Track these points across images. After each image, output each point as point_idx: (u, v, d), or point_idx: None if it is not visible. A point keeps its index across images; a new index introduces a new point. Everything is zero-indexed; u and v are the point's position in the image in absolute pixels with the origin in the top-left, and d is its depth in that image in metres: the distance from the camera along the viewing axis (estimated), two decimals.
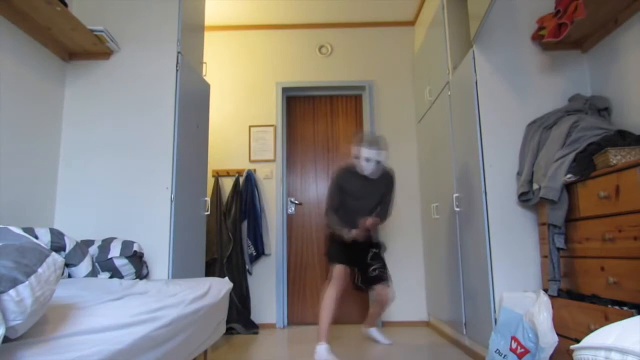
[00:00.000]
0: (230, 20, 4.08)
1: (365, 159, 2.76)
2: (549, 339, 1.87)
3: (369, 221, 2.84)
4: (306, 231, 4.01)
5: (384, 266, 2.96)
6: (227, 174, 3.91)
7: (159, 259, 2.41)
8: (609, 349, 0.90)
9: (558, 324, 1.90)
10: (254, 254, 3.72)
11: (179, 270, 2.50)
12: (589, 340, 0.98)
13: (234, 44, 4.16)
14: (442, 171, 3.17)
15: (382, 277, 2.91)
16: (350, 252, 2.91)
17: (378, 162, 2.79)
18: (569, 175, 1.97)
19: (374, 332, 3.20)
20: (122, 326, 1.18)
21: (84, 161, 2.52)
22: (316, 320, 3.85)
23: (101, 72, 2.61)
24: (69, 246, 2.03)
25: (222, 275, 3.30)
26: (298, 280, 3.94)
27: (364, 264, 2.96)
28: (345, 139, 4.16)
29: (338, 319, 3.83)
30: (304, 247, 3.97)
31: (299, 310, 3.88)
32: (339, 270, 2.81)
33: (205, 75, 3.15)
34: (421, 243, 3.84)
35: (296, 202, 4.03)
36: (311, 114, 4.21)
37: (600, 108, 2.26)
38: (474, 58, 2.51)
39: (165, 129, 2.53)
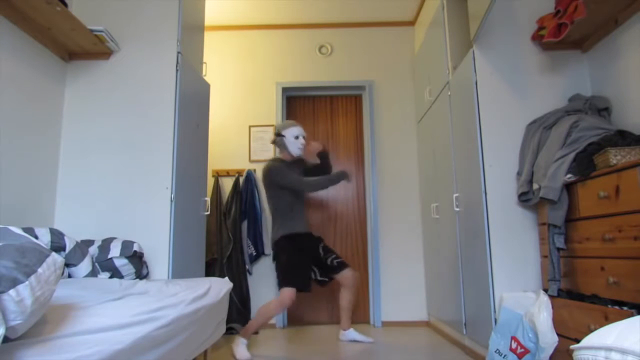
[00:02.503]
0: (230, 20, 4.08)
1: (295, 137, 2.99)
2: (549, 339, 1.87)
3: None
4: None
5: (337, 254, 3.03)
6: (227, 174, 3.91)
7: (159, 259, 2.41)
8: (609, 349, 0.90)
9: (558, 324, 1.90)
10: (254, 254, 3.72)
11: (179, 270, 2.50)
12: (589, 340, 0.98)
13: (234, 44, 4.16)
14: (442, 171, 3.17)
15: (343, 262, 2.99)
16: (308, 257, 2.93)
17: (304, 137, 3.04)
18: (569, 175, 1.97)
19: (352, 333, 3.11)
20: (122, 326, 1.18)
21: (84, 161, 2.51)
22: (315, 320, 3.85)
23: (101, 72, 2.61)
24: (69, 246, 2.03)
25: (222, 275, 3.29)
26: None
27: (318, 260, 2.98)
28: (345, 139, 4.16)
29: (338, 319, 3.83)
30: None
31: (299, 310, 3.88)
32: (290, 294, 2.74)
33: (205, 75, 3.15)
34: (421, 243, 3.83)
35: None
36: (311, 114, 4.21)
37: (600, 108, 2.26)
38: (474, 58, 2.51)
39: (165, 128, 2.53)
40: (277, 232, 2.93)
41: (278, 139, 3.05)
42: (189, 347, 1.70)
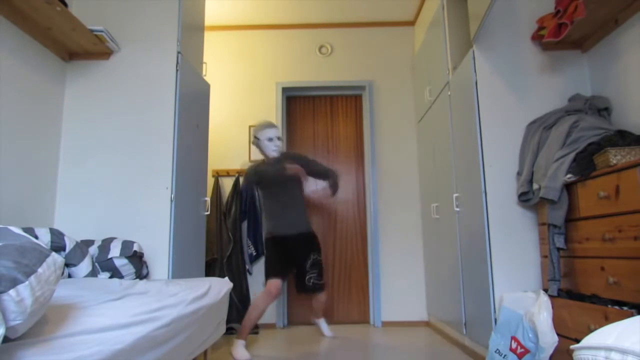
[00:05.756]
0: (230, 20, 4.08)
1: (269, 139, 2.98)
2: (549, 339, 1.87)
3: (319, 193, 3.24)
4: None
5: (320, 274, 3.00)
6: (227, 174, 3.91)
7: (159, 259, 2.41)
8: (609, 349, 0.90)
9: (558, 324, 1.90)
10: (254, 254, 3.72)
11: (179, 270, 2.50)
12: (589, 340, 0.98)
13: (234, 44, 4.16)
14: (442, 171, 3.17)
15: (319, 285, 2.99)
16: (289, 257, 2.99)
17: (279, 138, 3.01)
18: (569, 175, 1.97)
19: (320, 323, 3.35)
20: (122, 326, 1.18)
21: (84, 161, 2.52)
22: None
23: (101, 72, 2.61)
24: (69, 246, 2.03)
25: (222, 275, 3.29)
26: None
27: (301, 270, 3.00)
28: (345, 139, 4.16)
29: (338, 319, 3.83)
30: None
31: (299, 310, 3.88)
32: (275, 284, 2.84)
33: (205, 75, 3.15)
34: (421, 243, 3.83)
35: None
36: (311, 114, 4.21)
37: (600, 108, 2.26)
38: (474, 58, 2.51)
39: (165, 128, 2.53)
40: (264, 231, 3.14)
41: (255, 142, 3.08)
42: (189, 347, 1.70)
